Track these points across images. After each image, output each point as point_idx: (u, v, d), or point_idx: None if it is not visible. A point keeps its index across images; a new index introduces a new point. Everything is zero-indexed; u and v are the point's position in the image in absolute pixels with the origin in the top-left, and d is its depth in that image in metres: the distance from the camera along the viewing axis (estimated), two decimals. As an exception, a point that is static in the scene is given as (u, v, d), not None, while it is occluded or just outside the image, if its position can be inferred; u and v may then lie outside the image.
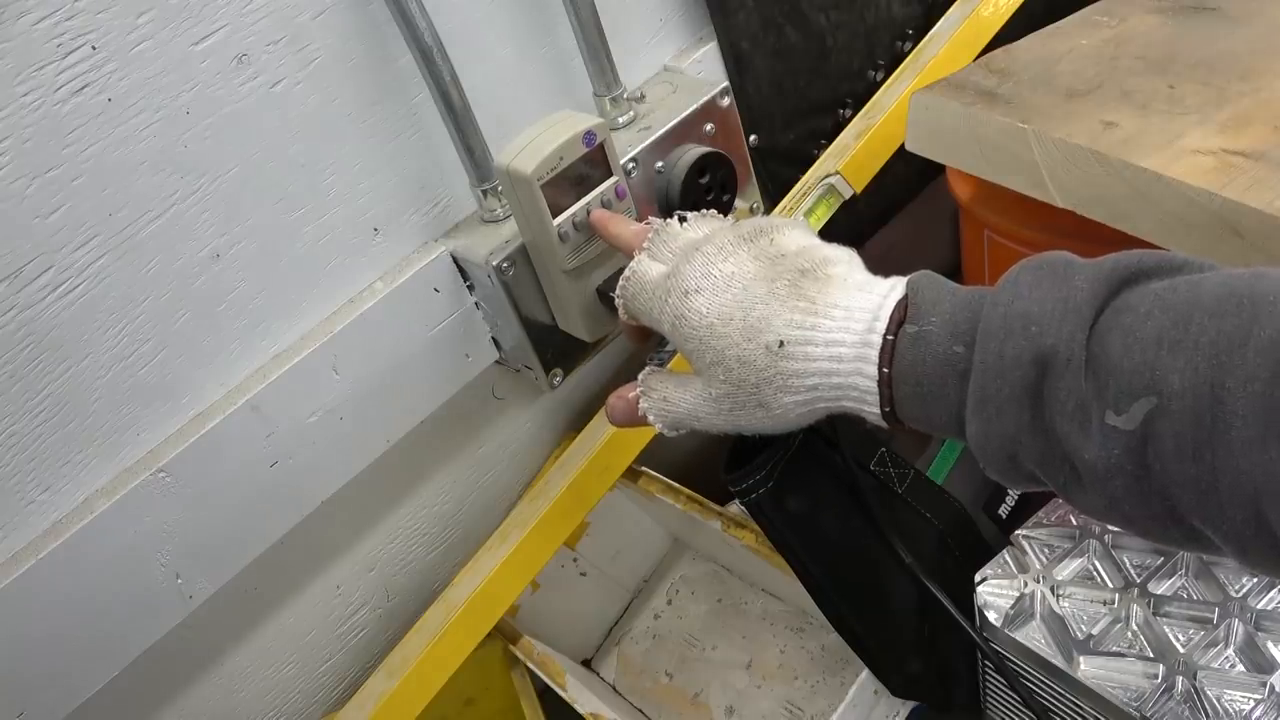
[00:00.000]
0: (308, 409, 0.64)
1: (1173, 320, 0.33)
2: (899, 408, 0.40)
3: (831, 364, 0.41)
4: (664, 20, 0.77)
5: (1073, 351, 0.34)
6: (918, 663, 0.68)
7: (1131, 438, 0.33)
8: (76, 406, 0.56)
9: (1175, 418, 0.32)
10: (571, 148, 0.57)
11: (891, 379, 0.39)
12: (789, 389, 0.42)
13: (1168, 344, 0.32)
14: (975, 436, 0.38)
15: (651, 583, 0.99)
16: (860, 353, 0.40)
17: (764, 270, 0.43)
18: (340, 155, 0.61)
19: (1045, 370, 0.35)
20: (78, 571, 0.57)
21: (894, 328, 0.39)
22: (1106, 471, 0.34)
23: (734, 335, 0.43)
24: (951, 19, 0.88)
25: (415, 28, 0.58)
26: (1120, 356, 0.33)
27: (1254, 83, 0.60)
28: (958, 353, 0.38)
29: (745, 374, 0.43)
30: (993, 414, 0.36)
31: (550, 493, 0.76)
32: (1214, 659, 0.53)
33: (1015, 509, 0.73)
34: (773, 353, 0.42)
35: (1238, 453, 0.30)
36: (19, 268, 0.51)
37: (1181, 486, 0.32)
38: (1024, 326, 0.35)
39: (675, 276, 0.45)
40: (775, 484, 0.66)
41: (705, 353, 0.44)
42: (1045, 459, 0.36)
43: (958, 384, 0.38)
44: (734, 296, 0.43)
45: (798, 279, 0.42)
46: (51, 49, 0.48)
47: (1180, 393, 0.32)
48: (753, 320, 0.42)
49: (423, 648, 0.71)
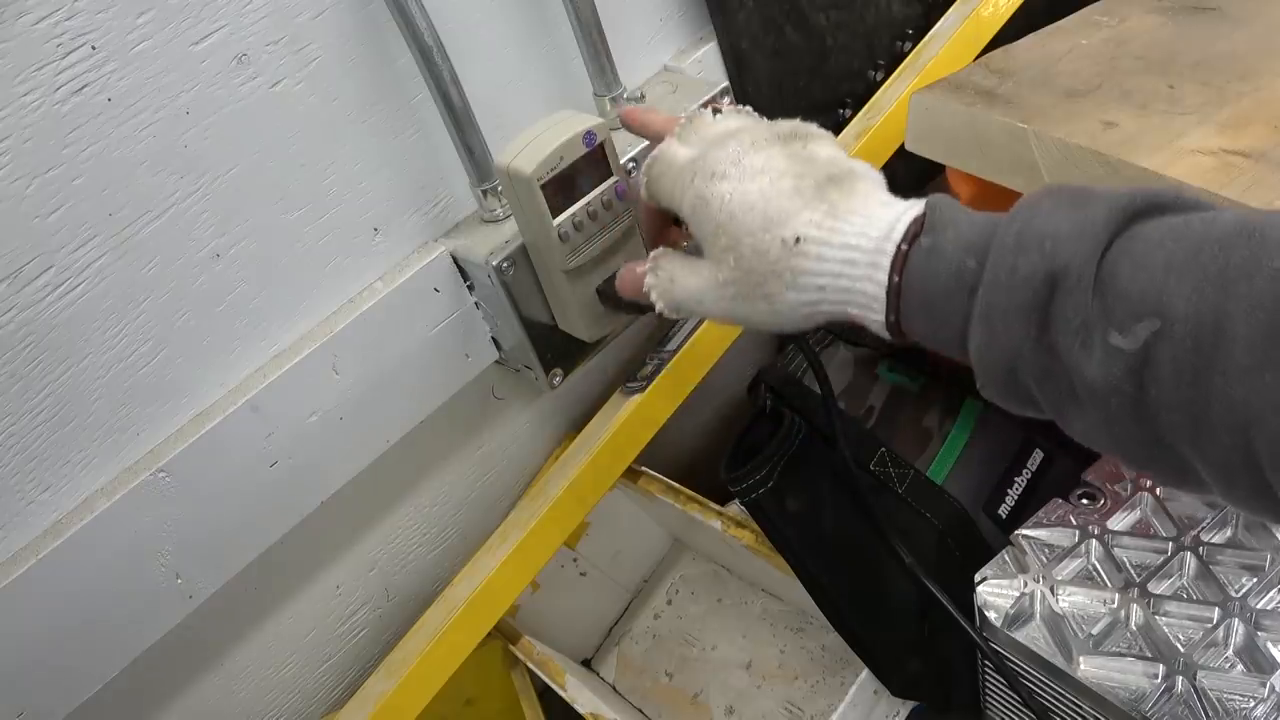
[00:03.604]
0: (308, 409, 0.64)
1: (1184, 249, 0.33)
2: (904, 318, 0.41)
3: (843, 267, 0.41)
4: (664, 20, 0.77)
5: (1083, 271, 0.35)
6: (918, 663, 0.68)
7: (1132, 358, 0.33)
8: (76, 406, 0.56)
9: (1177, 341, 0.32)
10: (572, 148, 0.57)
11: (901, 288, 0.40)
12: (796, 286, 0.43)
13: (1176, 270, 0.33)
14: (978, 348, 0.38)
15: (651, 583, 0.99)
16: (873, 259, 0.41)
17: (793, 168, 0.44)
18: (340, 155, 0.61)
19: (1055, 288, 0.35)
20: (78, 571, 0.56)
21: (909, 239, 0.40)
22: (1105, 390, 0.34)
23: (753, 224, 0.43)
24: (951, 19, 0.88)
25: (415, 27, 0.58)
26: (1128, 279, 0.34)
27: (1254, 83, 0.60)
28: (969, 267, 0.38)
29: (756, 264, 0.43)
30: (998, 326, 0.37)
31: (550, 493, 0.76)
32: (1214, 659, 0.53)
33: (1015, 509, 0.73)
34: (788, 247, 0.42)
35: (1234, 379, 0.31)
36: (19, 268, 0.51)
37: (1175, 411, 0.33)
38: (1039, 244, 0.36)
39: (704, 159, 0.46)
40: (775, 484, 0.66)
41: (720, 237, 0.45)
42: (1044, 376, 0.37)
43: (966, 297, 0.38)
44: (759, 187, 0.44)
45: (824, 183, 0.43)
46: (51, 49, 0.48)
47: (1184, 317, 0.32)
48: (773, 212, 0.43)
49: (423, 648, 0.71)
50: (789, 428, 0.67)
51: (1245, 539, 0.58)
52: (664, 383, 0.79)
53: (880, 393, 0.80)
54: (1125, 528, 0.60)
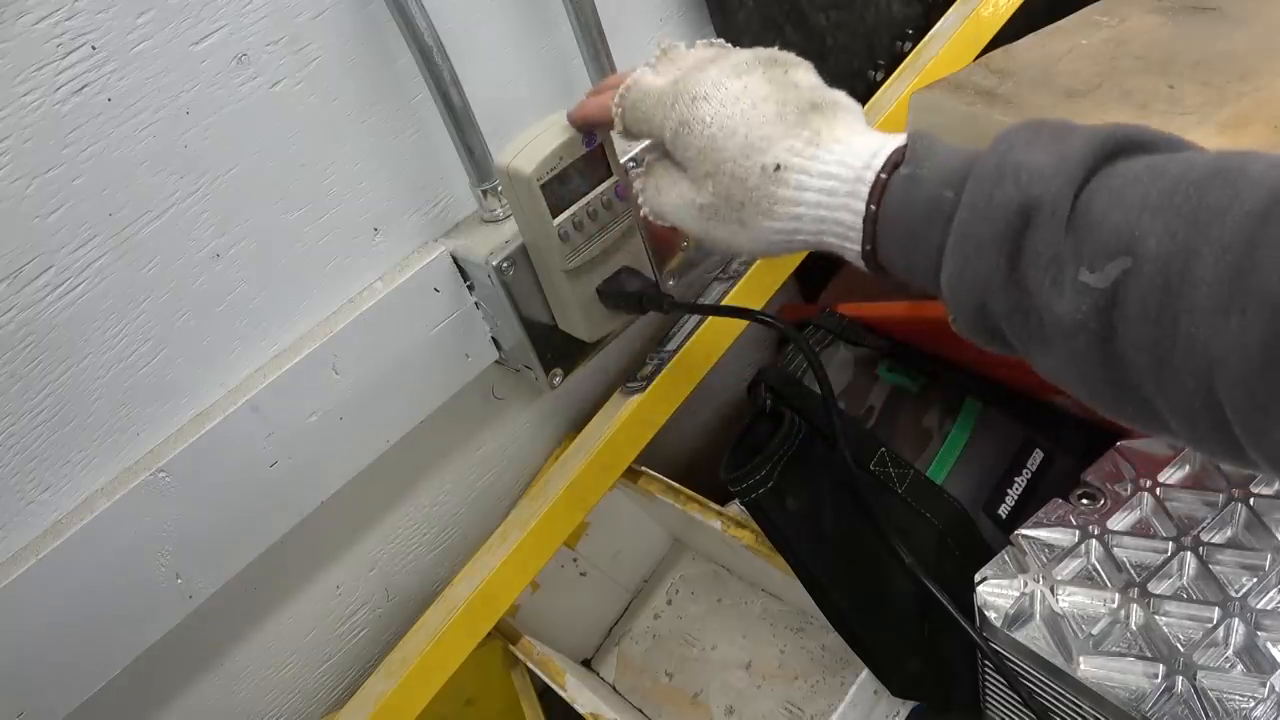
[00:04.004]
0: (308, 409, 0.64)
1: (1159, 189, 0.33)
2: (880, 247, 0.41)
3: (821, 196, 0.42)
4: (664, 20, 0.77)
5: (1058, 204, 0.35)
6: (918, 663, 0.68)
7: (1101, 296, 0.33)
8: (76, 406, 0.56)
9: (1145, 280, 0.32)
10: (571, 148, 0.57)
11: (878, 217, 0.40)
12: (772, 214, 0.43)
13: (1150, 209, 0.33)
14: (949, 279, 0.38)
15: (651, 583, 0.99)
16: (852, 188, 0.41)
17: (775, 93, 0.44)
18: (340, 155, 0.61)
19: (1028, 220, 0.35)
20: (78, 571, 0.56)
21: (889, 169, 0.40)
22: (1072, 327, 0.34)
23: (733, 150, 0.43)
24: (951, 19, 0.88)
25: (415, 27, 0.58)
26: (1102, 216, 0.34)
27: (1254, 83, 0.60)
28: (946, 196, 0.38)
29: (734, 190, 0.44)
30: (970, 253, 0.37)
31: (550, 493, 0.76)
32: (1214, 659, 0.53)
33: (1015, 509, 0.73)
34: (768, 174, 0.42)
35: (1199, 320, 0.31)
36: (19, 268, 0.51)
37: (1141, 350, 0.33)
38: (1015, 175, 0.36)
39: (684, 82, 0.46)
40: (775, 484, 0.66)
41: (702, 163, 0.45)
42: (1013, 311, 0.37)
43: (942, 227, 0.38)
44: (741, 111, 0.44)
45: (807, 110, 0.43)
46: (51, 49, 0.48)
47: (1154, 256, 0.32)
48: (755, 139, 0.43)
49: (423, 648, 0.71)
50: (789, 428, 0.67)
51: (1245, 539, 0.58)
52: (664, 383, 0.79)
53: (880, 393, 0.79)
54: (1125, 528, 0.60)
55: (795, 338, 0.60)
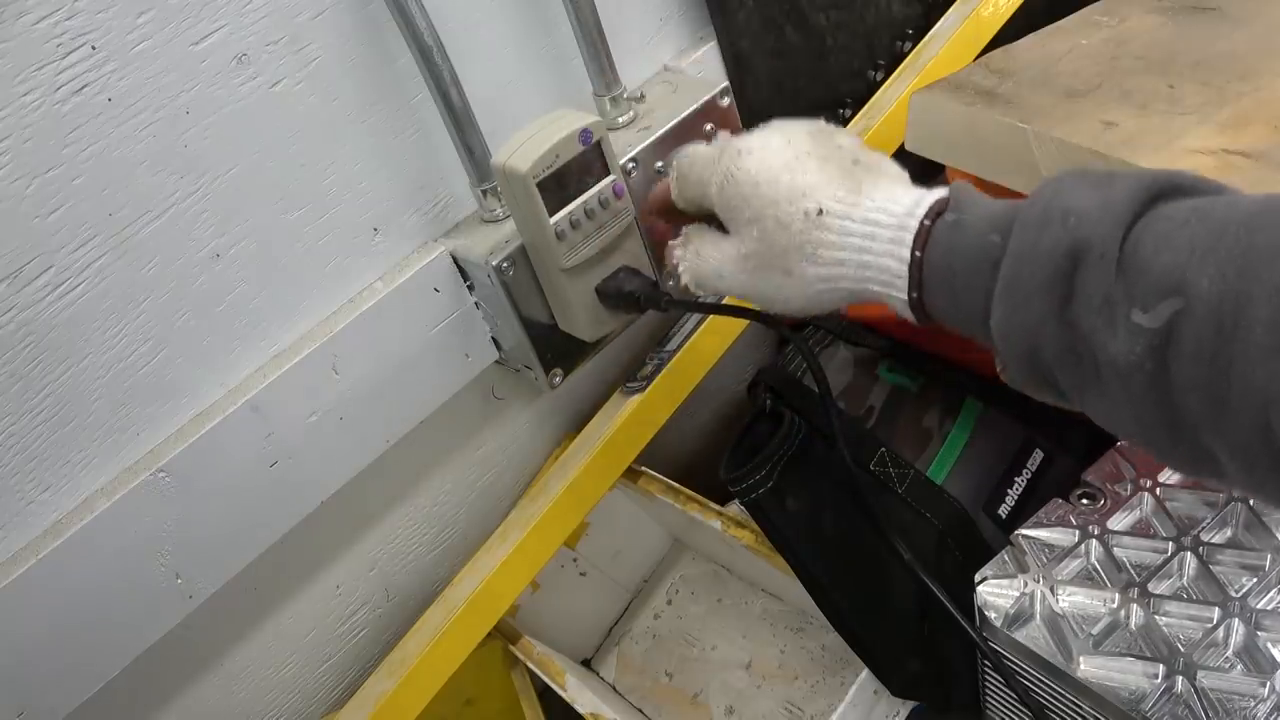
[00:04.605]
0: (308, 409, 0.64)
1: (1207, 230, 0.33)
2: (926, 294, 0.41)
3: (865, 241, 0.42)
4: (664, 20, 0.77)
5: (1107, 247, 0.35)
6: (917, 663, 0.68)
7: (1155, 336, 0.33)
8: (76, 406, 0.56)
9: (1199, 320, 0.32)
10: (568, 146, 0.57)
11: (924, 262, 0.41)
12: (817, 259, 0.43)
13: (1200, 250, 0.33)
14: (999, 324, 0.38)
15: (651, 583, 0.99)
16: (896, 235, 0.41)
17: (819, 149, 0.46)
18: (340, 155, 0.61)
19: (1078, 263, 0.35)
20: (77, 571, 0.57)
21: (933, 215, 0.41)
22: (1127, 367, 0.34)
23: (777, 195, 0.44)
24: (951, 19, 0.88)
25: (415, 27, 0.58)
26: (1151, 256, 0.34)
27: (1254, 83, 0.60)
28: (993, 241, 0.39)
29: (778, 236, 0.44)
30: (1020, 300, 0.37)
31: (550, 493, 0.76)
32: (1214, 659, 0.53)
33: (1015, 509, 0.73)
34: (810, 219, 0.43)
35: (1254, 359, 0.31)
36: (19, 268, 0.51)
37: (1196, 391, 0.33)
38: (1063, 219, 0.36)
39: (731, 143, 0.48)
40: (775, 484, 0.66)
41: (745, 209, 0.46)
42: (1065, 354, 0.37)
43: (989, 272, 0.38)
44: (785, 161, 0.45)
45: (850, 165, 0.45)
46: (51, 49, 0.48)
47: (1206, 296, 0.32)
48: (798, 185, 0.44)
49: (423, 648, 0.71)
50: (789, 428, 0.67)
51: (1245, 539, 0.58)
52: (664, 383, 0.79)
53: (880, 393, 0.79)
54: (1125, 528, 0.60)
55: (793, 338, 0.60)
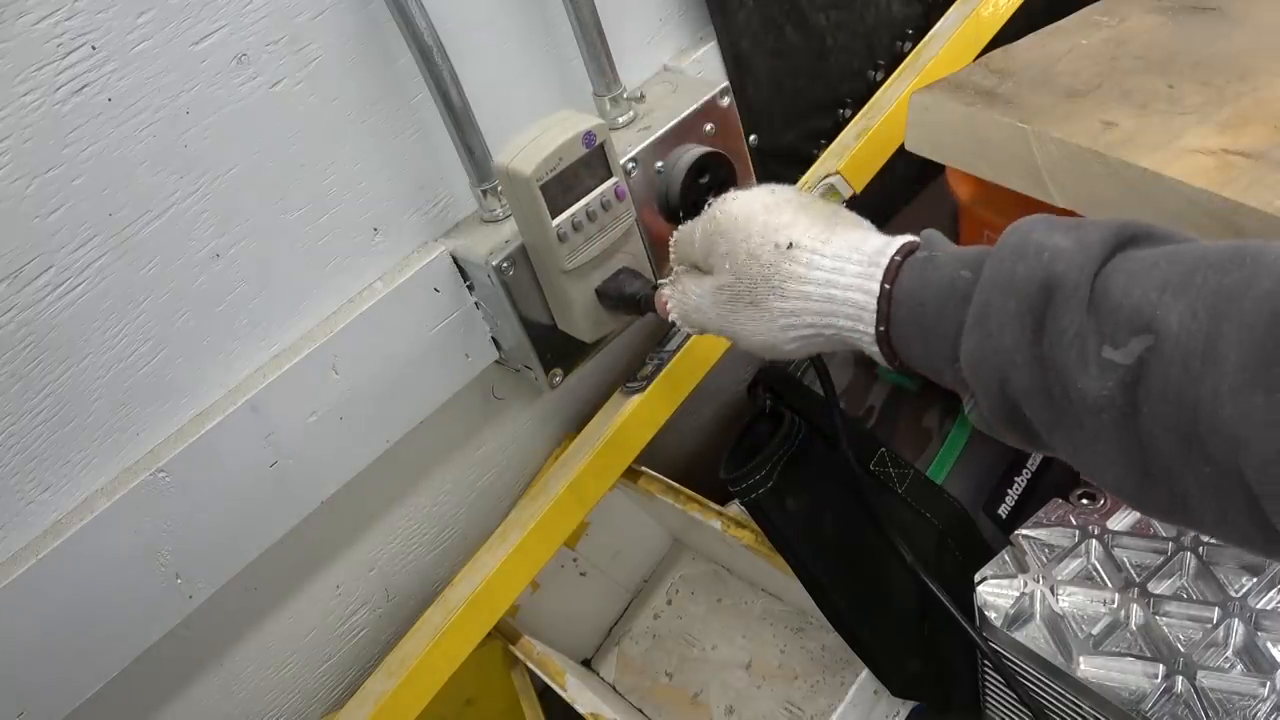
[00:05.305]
0: (308, 409, 0.64)
1: (1178, 271, 0.34)
2: (894, 328, 0.42)
3: (833, 275, 0.43)
4: (664, 20, 0.77)
5: (1080, 282, 0.35)
6: (917, 663, 0.68)
7: (1126, 372, 0.34)
8: (76, 406, 0.56)
9: (1169, 358, 0.32)
10: (571, 148, 0.57)
11: (892, 296, 0.41)
12: (784, 292, 0.44)
13: (1171, 289, 0.33)
14: (970, 354, 0.38)
15: (651, 583, 0.99)
16: (865, 270, 0.42)
17: (799, 201, 0.47)
18: (340, 155, 0.61)
19: (1051, 296, 0.36)
20: (77, 571, 0.57)
21: (904, 253, 0.42)
22: (1097, 403, 0.34)
23: (751, 230, 0.46)
24: (951, 19, 0.88)
25: (415, 27, 0.58)
26: (1122, 294, 0.34)
27: (1253, 83, 0.60)
28: (964, 276, 0.39)
29: (749, 267, 0.46)
30: (992, 329, 0.37)
31: (550, 493, 0.76)
32: (1214, 659, 0.53)
33: (1015, 509, 0.73)
34: (781, 250, 0.44)
35: (1224, 398, 0.31)
36: (19, 268, 0.51)
37: (1166, 430, 0.33)
38: (1037, 253, 0.37)
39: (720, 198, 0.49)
40: (775, 484, 0.66)
41: (721, 243, 0.47)
42: (1034, 389, 0.37)
43: (959, 306, 0.39)
44: (764, 204, 0.47)
45: (827, 215, 0.46)
46: (51, 49, 0.48)
47: (1177, 334, 0.32)
48: (773, 222, 0.46)
49: (423, 648, 0.71)
50: (789, 428, 0.67)
51: (1245, 539, 0.58)
52: (664, 383, 0.79)
53: (880, 393, 0.80)
54: (1125, 528, 0.60)
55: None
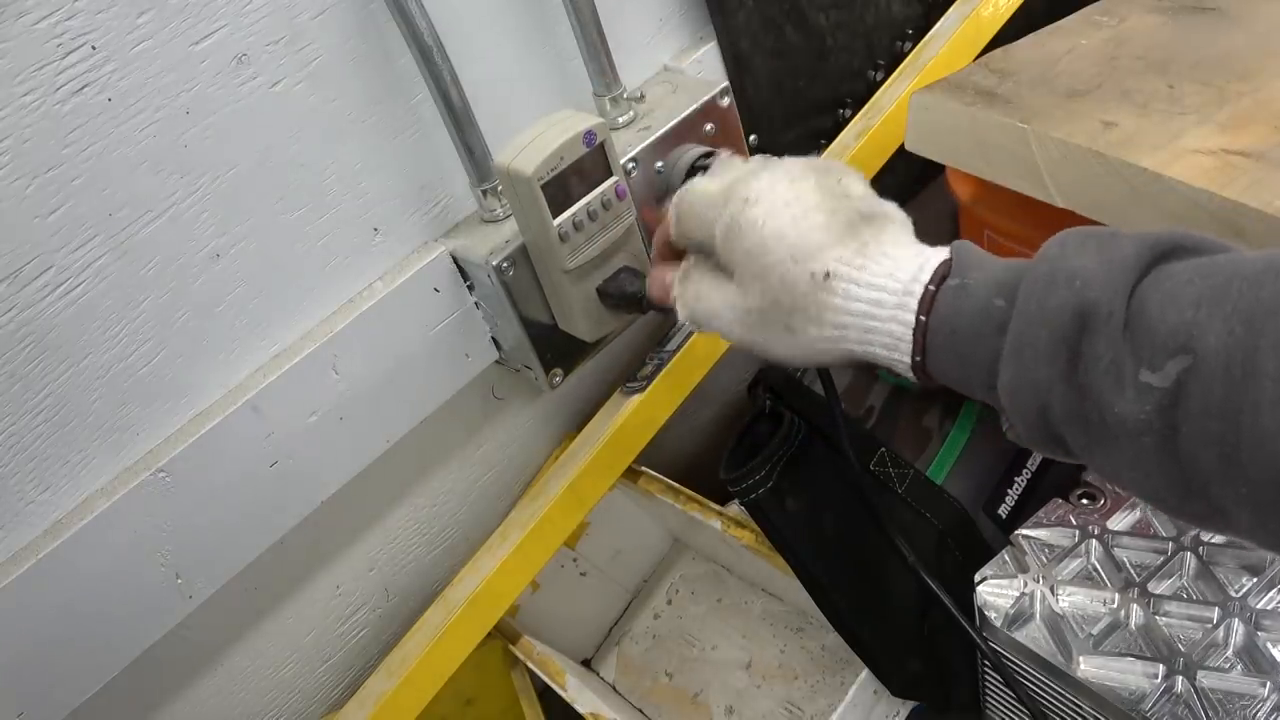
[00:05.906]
0: (308, 409, 0.64)
1: (1212, 286, 0.33)
2: (930, 357, 0.41)
3: (870, 308, 0.42)
4: (664, 20, 0.77)
5: (1114, 307, 0.35)
6: (917, 663, 0.68)
7: (1164, 395, 0.33)
8: (76, 406, 0.56)
9: (1207, 377, 0.32)
10: (571, 148, 0.57)
11: (928, 327, 0.41)
12: (821, 321, 0.43)
13: (1206, 307, 0.33)
14: (1007, 385, 0.38)
15: (651, 583, 0.99)
16: (901, 300, 0.41)
17: (826, 202, 0.44)
18: (340, 155, 0.61)
19: (1085, 324, 0.36)
20: (77, 571, 0.56)
21: (937, 280, 0.41)
22: (1136, 427, 0.34)
23: (783, 254, 0.43)
24: (951, 19, 0.88)
25: (415, 27, 0.58)
26: (1158, 316, 0.34)
27: (1254, 83, 0.60)
28: (998, 305, 0.39)
29: (783, 296, 0.44)
30: (1029, 361, 0.37)
31: (550, 493, 0.76)
32: (1214, 659, 0.53)
33: (1015, 509, 0.73)
34: (817, 282, 0.43)
35: (1265, 413, 0.31)
36: (19, 268, 0.51)
37: (1207, 447, 0.33)
38: (1068, 281, 0.36)
39: (738, 185, 0.46)
40: (775, 484, 0.66)
41: (750, 264, 0.45)
42: (1073, 414, 0.37)
43: (994, 335, 0.38)
44: (791, 216, 0.44)
45: (856, 219, 0.44)
46: (51, 49, 0.48)
47: (1215, 352, 0.32)
48: (805, 245, 0.43)
49: (423, 648, 0.71)
50: (789, 428, 0.67)
51: (1245, 539, 0.58)
52: (664, 383, 0.79)
53: (880, 393, 0.80)
54: (1125, 528, 0.60)
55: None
